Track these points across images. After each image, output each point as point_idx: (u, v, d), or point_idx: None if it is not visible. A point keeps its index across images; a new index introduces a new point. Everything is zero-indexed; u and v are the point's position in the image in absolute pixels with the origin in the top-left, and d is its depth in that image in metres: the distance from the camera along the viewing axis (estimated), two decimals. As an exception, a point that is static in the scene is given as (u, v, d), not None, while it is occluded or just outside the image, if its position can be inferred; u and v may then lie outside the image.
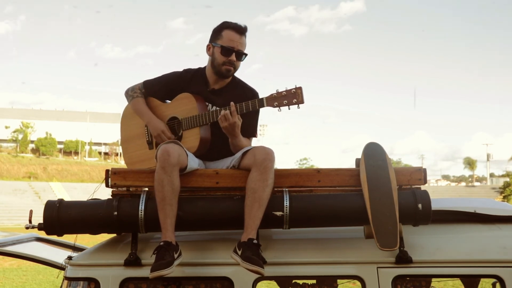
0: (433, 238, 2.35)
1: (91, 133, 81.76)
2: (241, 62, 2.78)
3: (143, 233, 2.32)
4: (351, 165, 2.50)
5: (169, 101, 2.86)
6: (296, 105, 2.50)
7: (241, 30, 2.73)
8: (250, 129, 2.74)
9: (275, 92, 2.51)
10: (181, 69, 2.90)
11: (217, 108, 2.67)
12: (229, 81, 2.80)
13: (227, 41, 2.71)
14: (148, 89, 2.90)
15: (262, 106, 2.54)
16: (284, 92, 2.49)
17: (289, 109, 2.51)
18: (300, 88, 2.49)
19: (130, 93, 2.93)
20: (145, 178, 2.37)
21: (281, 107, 2.51)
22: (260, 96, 2.74)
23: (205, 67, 2.84)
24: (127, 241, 2.37)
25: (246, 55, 2.76)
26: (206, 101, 2.76)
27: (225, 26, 2.74)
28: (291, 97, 2.49)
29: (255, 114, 2.75)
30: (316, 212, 2.28)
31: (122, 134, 3.01)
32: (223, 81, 2.80)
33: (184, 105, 2.74)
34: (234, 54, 2.71)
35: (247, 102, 2.54)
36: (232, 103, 2.53)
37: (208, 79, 2.81)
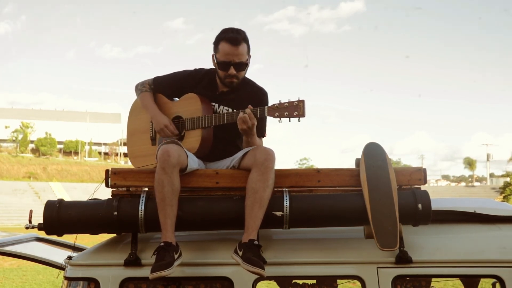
0: (433, 238, 2.35)
1: (91, 133, 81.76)
2: (248, 66, 2.73)
3: (143, 233, 2.32)
4: (351, 165, 2.51)
5: (177, 99, 2.86)
6: (297, 118, 2.49)
7: (236, 41, 2.65)
8: (259, 130, 2.74)
9: (277, 102, 2.51)
10: (192, 68, 2.89)
11: (227, 109, 2.69)
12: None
13: (223, 55, 2.67)
14: (157, 86, 2.90)
15: (263, 115, 2.54)
16: (286, 104, 2.49)
17: (289, 121, 2.50)
18: (302, 101, 2.47)
19: (140, 87, 2.94)
20: (145, 178, 2.37)
21: (281, 118, 2.50)
22: (269, 95, 2.77)
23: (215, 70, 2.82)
24: (127, 241, 2.37)
25: (246, 64, 2.71)
26: (215, 101, 2.76)
27: (221, 37, 2.69)
28: (293, 110, 2.48)
29: (263, 117, 2.74)
30: (316, 212, 2.28)
31: (129, 127, 3.03)
32: None
33: (189, 105, 2.74)
34: (232, 67, 2.67)
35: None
36: (250, 106, 2.51)
37: (217, 83, 2.80)
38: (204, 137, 2.67)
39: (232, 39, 2.66)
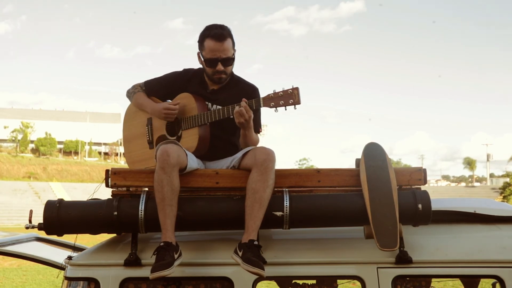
0: (433, 238, 2.35)
1: (91, 133, 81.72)
2: (234, 61, 2.73)
3: (143, 233, 2.32)
4: (351, 165, 2.51)
5: (170, 101, 2.86)
6: (293, 106, 2.49)
7: (221, 37, 2.65)
8: (254, 125, 2.74)
9: (272, 92, 2.51)
10: (181, 69, 2.90)
11: (218, 107, 2.67)
12: (228, 80, 2.80)
13: (209, 52, 2.67)
14: (149, 89, 2.91)
15: (259, 106, 2.54)
16: (281, 93, 2.48)
17: (285, 109, 2.50)
18: (296, 88, 2.47)
19: (131, 90, 2.95)
20: (145, 178, 2.37)
21: (277, 108, 2.50)
22: (260, 92, 2.76)
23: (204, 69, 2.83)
24: (127, 241, 2.37)
25: (233, 59, 2.71)
26: (207, 100, 2.76)
27: (206, 35, 2.69)
28: (288, 98, 2.47)
29: (257, 110, 2.73)
30: (316, 212, 2.28)
31: (124, 134, 3.03)
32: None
33: (183, 105, 2.74)
34: (219, 63, 2.68)
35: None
36: (244, 99, 2.51)
37: (207, 81, 2.81)
38: (202, 135, 2.67)
39: (216, 35, 2.66)
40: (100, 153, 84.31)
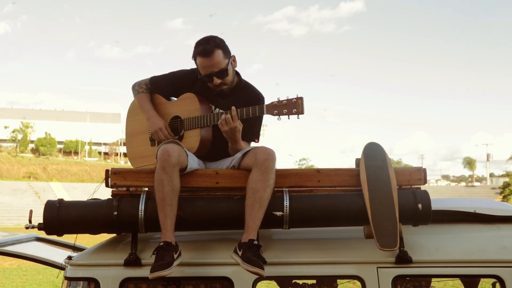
0: (433, 238, 2.35)
1: (91, 133, 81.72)
2: (230, 71, 2.68)
3: (143, 233, 2.32)
4: (351, 165, 2.50)
5: (175, 99, 2.86)
6: (296, 115, 2.47)
7: (207, 53, 2.62)
8: (252, 133, 2.73)
9: (276, 100, 2.50)
10: (188, 68, 2.87)
11: (221, 111, 2.67)
12: (235, 84, 2.78)
13: (202, 69, 2.66)
14: (154, 86, 2.90)
15: (262, 113, 2.52)
16: (285, 101, 2.47)
17: (288, 118, 2.48)
18: (301, 98, 2.46)
19: (136, 88, 2.94)
20: (145, 178, 2.37)
21: (280, 116, 2.49)
22: (265, 99, 2.74)
23: None
24: (127, 241, 2.37)
25: (227, 69, 2.66)
26: (211, 102, 2.75)
27: (195, 53, 2.67)
28: (291, 107, 2.46)
29: (258, 118, 2.70)
30: (316, 212, 2.28)
31: (127, 128, 3.03)
32: None
33: (187, 105, 2.74)
34: (214, 78, 2.66)
35: (248, 108, 2.52)
36: (233, 107, 2.50)
37: None
38: (203, 137, 2.66)
39: (203, 52, 2.63)
40: (100, 153, 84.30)
